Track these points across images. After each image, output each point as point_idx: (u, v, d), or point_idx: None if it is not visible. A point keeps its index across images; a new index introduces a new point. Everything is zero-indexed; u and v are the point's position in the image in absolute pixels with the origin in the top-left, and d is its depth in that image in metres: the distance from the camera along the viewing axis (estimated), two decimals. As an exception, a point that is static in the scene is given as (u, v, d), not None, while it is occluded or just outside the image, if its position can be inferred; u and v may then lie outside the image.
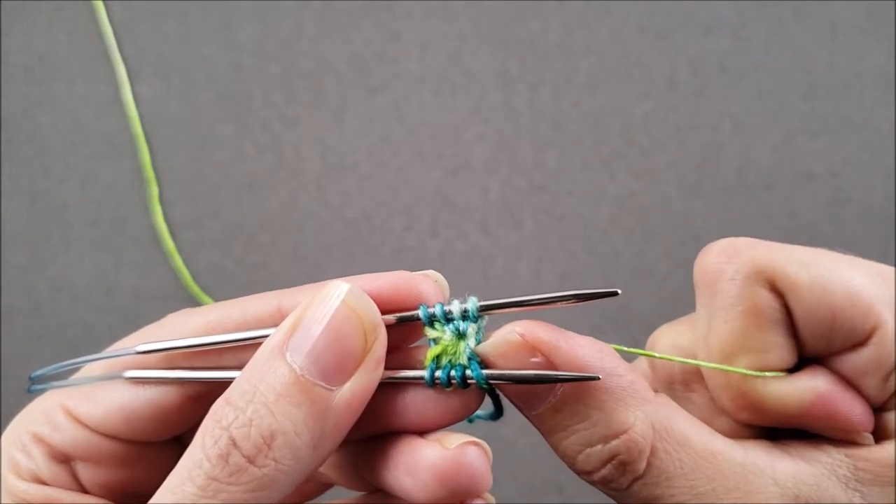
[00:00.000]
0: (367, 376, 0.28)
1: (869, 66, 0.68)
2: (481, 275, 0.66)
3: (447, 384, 0.30)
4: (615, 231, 0.66)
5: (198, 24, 0.69)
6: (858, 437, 0.30)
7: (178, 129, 0.68)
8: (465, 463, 0.28)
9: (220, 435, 0.27)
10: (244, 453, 0.26)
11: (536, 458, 0.63)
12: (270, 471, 0.26)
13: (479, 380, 0.29)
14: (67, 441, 0.33)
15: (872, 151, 0.67)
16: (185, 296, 0.66)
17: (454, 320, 0.30)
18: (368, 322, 0.29)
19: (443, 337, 0.30)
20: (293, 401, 0.27)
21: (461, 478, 0.28)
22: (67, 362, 0.34)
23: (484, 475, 0.29)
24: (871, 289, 0.30)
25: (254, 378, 0.28)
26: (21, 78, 0.69)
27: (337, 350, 0.28)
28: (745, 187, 0.67)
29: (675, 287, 0.65)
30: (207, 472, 0.26)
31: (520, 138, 0.67)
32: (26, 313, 0.66)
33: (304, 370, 0.27)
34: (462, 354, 0.30)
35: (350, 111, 0.68)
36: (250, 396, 0.27)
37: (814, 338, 0.30)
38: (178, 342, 0.32)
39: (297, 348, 0.28)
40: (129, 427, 0.33)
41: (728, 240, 0.32)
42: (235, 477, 0.26)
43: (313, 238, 0.67)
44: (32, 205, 0.68)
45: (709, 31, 0.68)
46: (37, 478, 0.32)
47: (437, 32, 0.69)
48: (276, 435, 0.27)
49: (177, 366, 0.32)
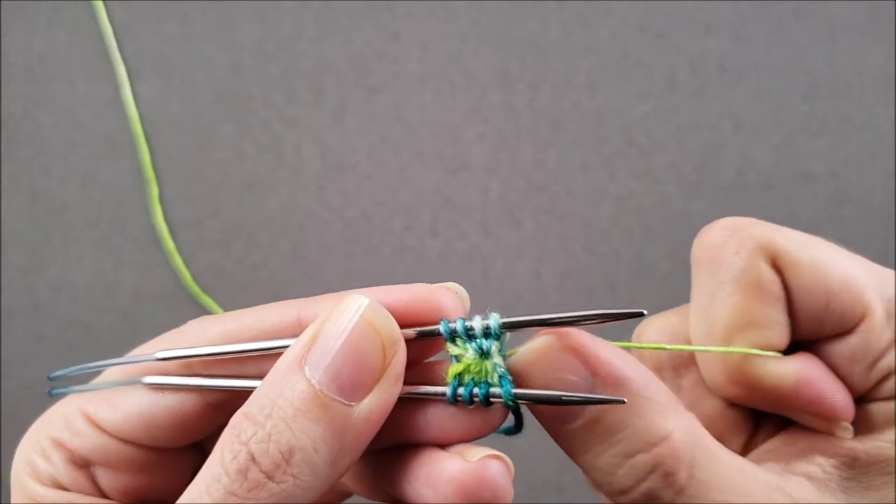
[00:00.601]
0: (386, 392, 0.28)
1: (869, 66, 0.68)
2: (481, 275, 0.66)
3: (469, 402, 0.29)
4: (615, 231, 0.66)
5: (198, 24, 0.69)
6: (838, 428, 0.31)
7: (178, 129, 0.68)
8: (486, 476, 0.28)
9: (239, 450, 0.27)
10: (263, 469, 0.26)
11: (536, 458, 0.63)
12: (289, 486, 0.26)
13: (506, 398, 0.29)
14: (87, 446, 0.33)
15: (872, 151, 0.67)
16: (185, 296, 0.66)
17: (476, 337, 0.29)
18: (387, 337, 0.28)
19: (465, 354, 0.29)
20: (311, 416, 0.27)
21: (483, 491, 0.28)
22: (87, 365, 0.34)
23: (506, 489, 0.28)
24: (864, 277, 0.31)
25: (272, 392, 0.27)
26: (21, 78, 0.69)
27: (355, 365, 0.28)
28: (745, 187, 0.67)
29: (675, 287, 0.65)
30: (226, 486, 0.26)
31: (520, 138, 0.67)
32: (26, 313, 0.66)
33: (322, 385, 0.27)
34: (491, 373, 0.29)
35: (350, 111, 0.68)
36: (269, 411, 0.27)
37: (807, 319, 0.31)
38: (196, 350, 0.32)
39: (316, 363, 0.27)
40: (147, 433, 0.33)
41: (730, 218, 0.33)
42: (254, 493, 0.26)
43: (313, 238, 0.67)
44: (32, 205, 0.68)
45: (709, 31, 0.68)
46: (56, 483, 0.32)
47: (437, 32, 0.69)
48: (294, 451, 0.27)
49: (196, 373, 0.32)
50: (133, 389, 0.33)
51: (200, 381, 0.32)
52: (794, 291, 0.31)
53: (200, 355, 0.32)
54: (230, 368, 0.32)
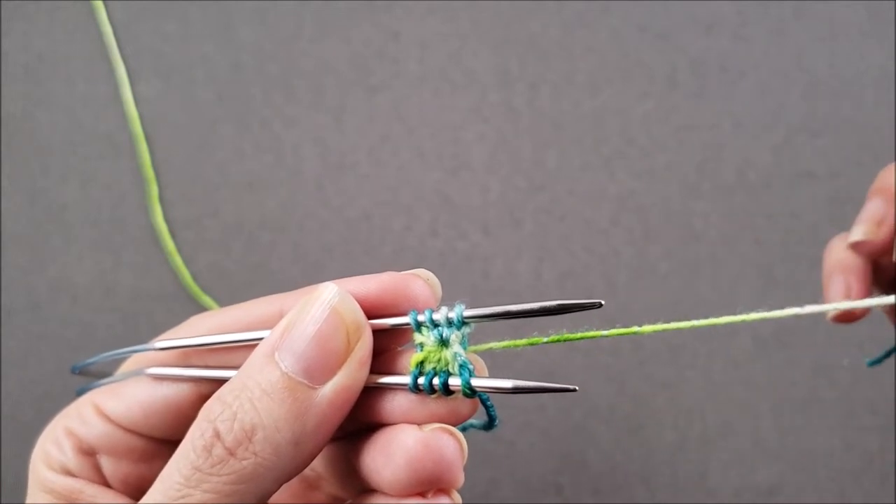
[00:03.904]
0: (350, 375, 0.29)
1: (869, 66, 0.68)
2: (481, 275, 0.66)
3: (430, 390, 0.30)
4: (615, 231, 0.66)
5: (197, 23, 0.69)
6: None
7: (178, 129, 0.68)
8: (434, 448, 0.29)
9: (206, 428, 0.28)
10: (226, 445, 0.28)
11: (536, 458, 0.63)
12: (250, 464, 0.28)
13: (463, 386, 0.29)
14: (94, 435, 0.34)
15: (872, 151, 0.67)
16: (185, 296, 0.66)
17: (440, 326, 0.30)
18: (351, 322, 0.29)
19: (426, 342, 0.30)
20: (277, 398, 0.28)
21: (428, 463, 0.29)
22: (105, 354, 0.36)
23: (453, 465, 0.29)
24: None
25: (244, 376, 0.29)
26: (21, 78, 0.69)
27: (320, 350, 0.29)
28: (745, 187, 0.67)
29: (675, 287, 0.65)
30: (192, 462, 0.28)
31: (520, 138, 0.67)
32: (26, 313, 0.66)
33: (289, 369, 0.28)
34: (451, 362, 0.30)
35: (350, 111, 0.68)
36: (238, 392, 0.28)
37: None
38: (189, 340, 0.34)
39: (286, 349, 0.29)
40: (147, 422, 0.34)
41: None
42: (217, 468, 0.27)
43: (313, 238, 0.67)
44: (32, 205, 0.68)
45: (709, 31, 0.68)
46: (65, 469, 0.34)
47: (437, 32, 0.69)
48: (256, 429, 0.28)
49: (193, 364, 0.34)
50: (138, 380, 0.35)
51: (194, 371, 0.34)
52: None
53: (192, 345, 0.34)
54: (222, 359, 0.34)
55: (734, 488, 0.63)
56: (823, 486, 0.63)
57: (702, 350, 0.64)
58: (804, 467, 0.63)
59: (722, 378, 0.64)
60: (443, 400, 0.30)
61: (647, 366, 0.64)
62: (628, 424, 0.64)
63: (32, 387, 0.65)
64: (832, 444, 0.63)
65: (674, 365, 0.64)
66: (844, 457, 0.63)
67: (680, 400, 0.64)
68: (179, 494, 0.27)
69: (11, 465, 0.63)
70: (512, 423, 0.63)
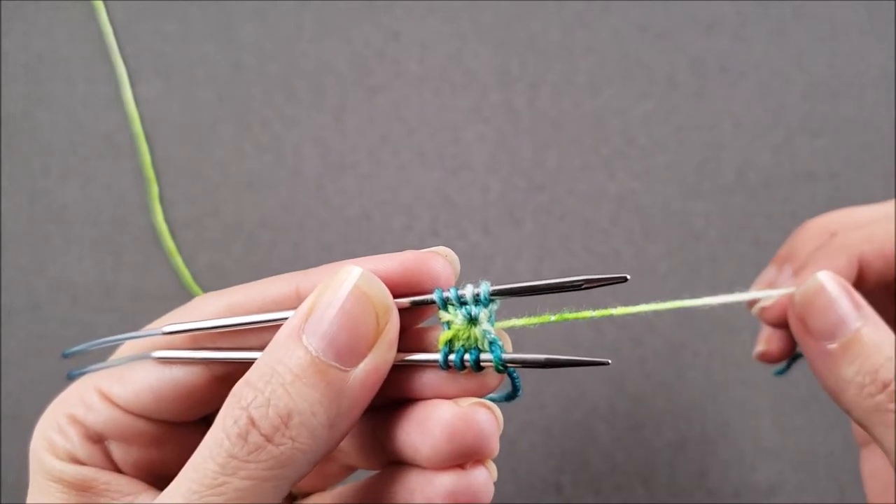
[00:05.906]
0: (380, 357, 0.29)
1: (869, 66, 0.68)
2: (481, 274, 0.66)
3: (461, 367, 0.30)
4: (615, 231, 0.66)
5: (197, 23, 0.69)
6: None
7: (178, 129, 0.68)
8: (473, 421, 0.29)
9: (239, 415, 0.28)
10: (262, 432, 0.27)
11: (536, 458, 0.63)
12: (287, 449, 0.27)
13: (496, 363, 0.30)
14: (101, 421, 0.34)
15: (872, 151, 0.67)
16: (185, 296, 0.66)
17: (467, 304, 0.30)
18: (380, 304, 0.29)
19: (454, 321, 0.30)
20: (309, 382, 0.28)
21: (468, 436, 0.29)
22: (99, 341, 0.36)
23: (490, 437, 0.29)
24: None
25: (272, 360, 0.29)
26: (21, 78, 0.69)
27: (350, 332, 0.29)
28: (745, 187, 0.67)
29: (675, 287, 0.65)
30: (227, 450, 0.27)
31: (520, 138, 0.68)
32: (26, 313, 0.66)
33: (319, 352, 0.28)
34: (481, 339, 0.30)
35: (350, 111, 0.68)
36: (268, 378, 0.28)
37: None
38: (201, 323, 0.33)
39: (313, 331, 0.29)
40: (157, 406, 0.34)
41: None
42: (254, 455, 0.27)
43: (313, 238, 0.67)
44: (32, 205, 0.68)
45: (709, 31, 0.68)
46: (73, 457, 0.33)
47: (437, 32, 0.69)
48: (293, 414, 0.28)
49: (202, 346, 0.34)
50: (143, 365, 0.34)
51: (206, 353, 0.33)
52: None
53: (205, 328, 0.33)
54: (234, 341, 0.33)
55: (734, 488, 0.63)
56: (823, 486, 0.63)
57: (702, 350, 0.64)
58: (804, 467, 0.63)
59: (722, 378, 0.64)
60: (472, 375, 0.31)
61: (647, 366, 0.64)
62: (628, 424, 0.64)
63: (32, 387, 0.65)
64: (832, 444, 0.63)
65: (674, 365, 0.64)
66: (844, 457, 0.63)
67: (680, 400, 0.64)
68: (217, 482, 0.27)
69: (11, 465, 0.63)
70: (513, 422, 0.63)
